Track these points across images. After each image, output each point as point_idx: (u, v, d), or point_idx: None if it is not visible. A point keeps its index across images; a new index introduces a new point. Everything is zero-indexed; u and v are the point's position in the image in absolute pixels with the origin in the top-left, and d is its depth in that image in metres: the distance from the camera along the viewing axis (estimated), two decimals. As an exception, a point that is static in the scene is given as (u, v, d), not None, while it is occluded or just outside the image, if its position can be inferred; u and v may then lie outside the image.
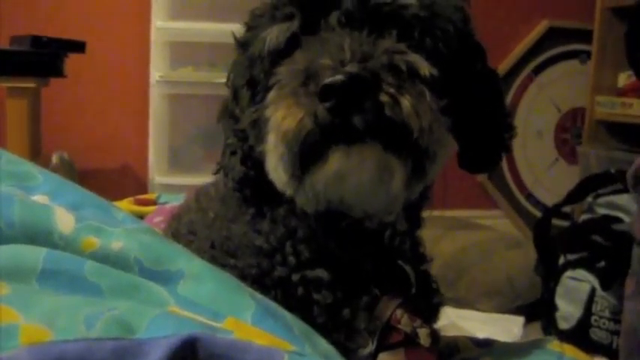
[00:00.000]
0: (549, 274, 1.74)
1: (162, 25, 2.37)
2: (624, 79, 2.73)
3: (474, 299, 1.91)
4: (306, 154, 0.71)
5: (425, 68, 0.71)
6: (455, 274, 1.95)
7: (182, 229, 1.04)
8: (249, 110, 0.81)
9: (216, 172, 0.91)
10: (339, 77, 0.66)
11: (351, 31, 0.73)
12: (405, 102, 0.68)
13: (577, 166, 2.94)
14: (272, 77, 0.75)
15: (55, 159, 2.41)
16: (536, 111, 3.12)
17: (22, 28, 2.35)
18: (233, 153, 0.86)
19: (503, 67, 3.03)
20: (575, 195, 1.82)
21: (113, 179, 2.76)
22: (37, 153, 2.22)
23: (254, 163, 0.83)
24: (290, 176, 0.73)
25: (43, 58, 2.13)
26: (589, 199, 1.79)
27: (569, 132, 3.16)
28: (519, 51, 3.06)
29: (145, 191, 2.42)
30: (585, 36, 2.93)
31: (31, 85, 2.12)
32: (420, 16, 0.76)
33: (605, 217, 1.69)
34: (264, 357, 0.56)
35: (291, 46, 0.76)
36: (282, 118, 0.71)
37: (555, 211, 1.83)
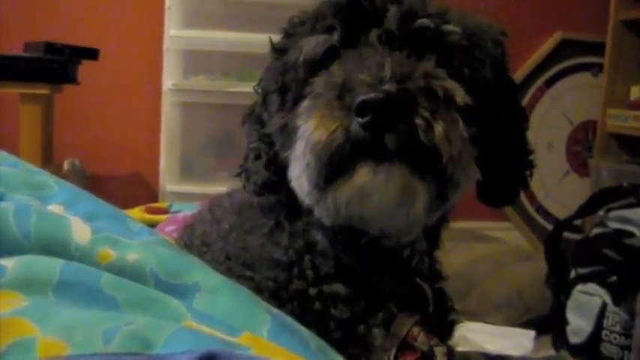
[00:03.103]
0: (560, 287, 1.73)
1: (175, 33, 2.37)
2: (636, 91, 2.72)
3: (485, 312, 1.90)
4: (333, 167, 0.71)
5: (461, 97, 0.72)
6: (465, 286, 1.94)
7: (195, 240, 1.04)
8: (278, 116, 0.81)
9: (238, 175, 0.91)
10: (377, 95, 0.66)
11: (390, 50, 0.73)
12: (439, 128, 0.68)
13: (588, 178, 2.93)
14: (307, 86, 0.76)
15: (66, 165, 2.42)
16: (547, 123, 3.12)
17: (35, 35, 2.37)
18: (257, 157, 0.86)
19: (515, 79, 3.02)
20: (587, 208, 1.80)
21: (124, 186, 2.77)
22: (48, 159, 2.23)
23: (277, 169, 0.83)
24: (313, 186, 0.73)
25: (56, 64, 2.14)
26: (601, 212, 1.78)
27: (581, 144, 3.16)
28: (532, 62, 3.07)
29: (155, 199, 2.43)
30: (598, 48, 2.93)
31: (44, 91, 2.13)
32: (461, 45, 0.76)
33: (617, 231, 1.67)
34: (283, 374, 0.55)
35: (328, 57, 0.77)
36: (314, 127, 0.71)
37: (566, 224, 1.82)
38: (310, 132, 0.71)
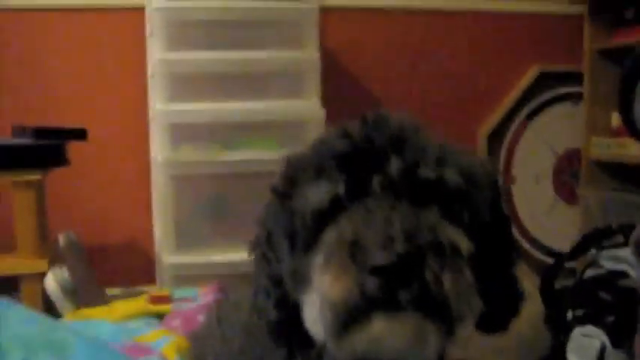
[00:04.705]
0: (559, 328, 1.75)
1: (161, 107, 2.38)
2: (617, 119, 2.74)
3: (484, 358, 1.90)
4: (349, 319, 0.73)
5: (465, 245, 0.74)
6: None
7: (208, 358, 1.06)
8: (288, 259, 0.83)
9: (252, 312, 0.91)
10: (389, 259, 0.68)
11: (394, 201, 0.75)
12: (448, 280, 0.71)
13: (577, 206, 2.95)
14: (316, 235, 0.77)
15: (62, 240, 2.42)
16: (532, 156, 3.15)
17: (23, 117, 2.39)
18: (267, 295, 0.88)
19: (497, 115, 3.08)
20: (579, 249, 1.83)
21: (121, 260, 2.80)
22: (44, 238, 2.24)
23: (287, 306, 0.84)
24: (330, 334, 0.75)
25: (47, 149, 2.14)
26: (593, 251, 1.80)
27: (567, 173, 3.19)
28: (512, 98, 3.10)
29: (152, 270, 2.45)
30: (576, 78, 2.97)
31: (36, 177, 2.14)
32: (461, 190, 0.79)
33: (611, 272, 1.70)
34: None
35: (334, 207, 0.78)
36: (330, 284, 0.72)
37: (560, 265, 1.84)
38: (326, 288, 0.73)
